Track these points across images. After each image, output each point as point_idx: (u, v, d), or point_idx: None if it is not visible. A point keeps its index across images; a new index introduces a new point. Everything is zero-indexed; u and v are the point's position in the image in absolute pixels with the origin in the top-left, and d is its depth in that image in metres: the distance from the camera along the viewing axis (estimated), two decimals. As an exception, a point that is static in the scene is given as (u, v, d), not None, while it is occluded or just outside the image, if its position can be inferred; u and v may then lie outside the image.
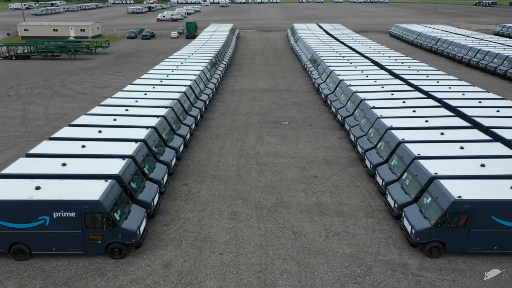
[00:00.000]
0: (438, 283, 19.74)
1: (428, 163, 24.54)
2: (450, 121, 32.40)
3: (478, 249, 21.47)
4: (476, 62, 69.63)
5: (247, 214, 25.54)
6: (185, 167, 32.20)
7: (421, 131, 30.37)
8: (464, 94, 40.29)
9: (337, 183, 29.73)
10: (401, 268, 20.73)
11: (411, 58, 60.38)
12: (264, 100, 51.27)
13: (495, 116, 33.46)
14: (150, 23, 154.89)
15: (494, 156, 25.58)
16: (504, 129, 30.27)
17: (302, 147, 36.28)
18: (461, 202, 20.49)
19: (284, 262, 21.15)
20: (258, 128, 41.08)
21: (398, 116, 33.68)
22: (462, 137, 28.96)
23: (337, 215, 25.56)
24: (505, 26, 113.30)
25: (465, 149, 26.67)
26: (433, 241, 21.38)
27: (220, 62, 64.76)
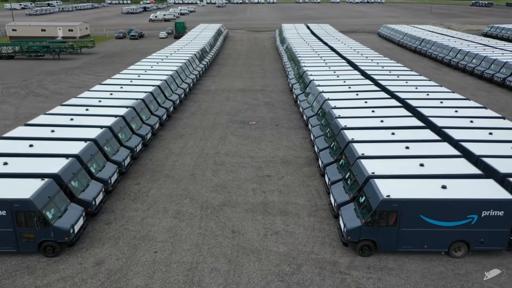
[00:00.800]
0: (363, 281, 19.95)
1: (368, 163, 24.78)
2: (405, 121, 32.63)
3: (408, 248, 21.70)
4: (456, 63, 69.90)
5: (191, 213, 25.77)
6: (142, 167, 32.42)
7: (373, 131, 30.62)
8: (428, 94, 40.51)
9: (289, 183, 29.95)
10: (330, 267, 20.96)
11: (388, 59, 60.54)
12: (237, 100, 51.52)
13: (452, 116, 33.70)
14: (142, 23, 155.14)
15: (436, 156, 25.80)
16: (456, 129, 30.50)
17: (263, 147, 36.50)
18: (389, 201, 20.73)
19: (216, 261, 21.38)
20: (224, 128, 41.30)
21: (356, 116, 33.90)
22: (411, 137, 29.19)
23: (281, 214, 25.77)
24: (493, 27, 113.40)
25: (410, 149, 26.91)
26: (364, 239, 21.61)
27: (200, 63, 64.88)
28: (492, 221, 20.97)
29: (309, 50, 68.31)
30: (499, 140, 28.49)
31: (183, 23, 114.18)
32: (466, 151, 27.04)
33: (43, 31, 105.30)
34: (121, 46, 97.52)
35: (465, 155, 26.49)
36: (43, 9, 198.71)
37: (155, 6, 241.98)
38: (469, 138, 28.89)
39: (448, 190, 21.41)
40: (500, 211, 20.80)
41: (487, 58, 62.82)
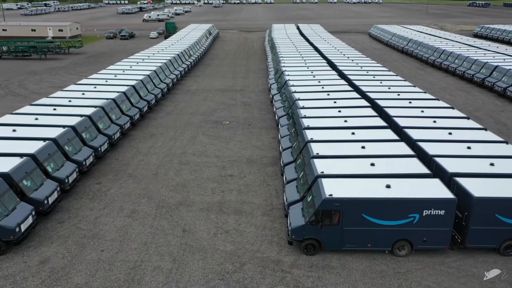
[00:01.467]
0: (303, 280, 20.13)
1: (320, 162, 24.96)
2: (368, 121, 32.82)
3: (352, 246, 21.88)
4: (440, 63, 70.05)
5: (146, 212, 25.96)
6: (106, 166, 32.62)
7: (334, 130, 30.79)
8: (399, 94, 40.72)
9: (250, 182, 30.14)
10: (273, 265, 21.14)
11: (369, 59, 60.60)
12: (215, 100, 51.73)
13: (416, 116, 33.90)
14: (136, 23, 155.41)
15: (389, 156, 25.98)
16: (416, 129, 30.65)
17: (232, 147, 36.70)
18: (331, 200, 20.91)
19: (161, 259, 21.57)
20: (196, 128, 41.51)
21: (321, 116, 34.04)
22: (371, 137, 29.34)
23: (235, 214, 25.99)
24: (483, 27, 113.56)
25: (365, 149, 27.09)
26: (308, 238, 21.76)
27: (183, 63, 65.10)
28: (434, 220, 21.14)
29: (293, 50, 68.51)
30: (456, 140, 28.65)
31: (173, 23, 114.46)
32: (421, 151, 27.15)
33: (33, 31, 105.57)
34: (110, 46, 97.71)
35: (420, 155, 26.62)
36: (39, 9, 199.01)
37: (151, 6, 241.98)
38: (427, 138, 28.99)
39: (392, 190, 21.58)
40: (441, 210, 20.96)
41: (469, 59, 63.01)
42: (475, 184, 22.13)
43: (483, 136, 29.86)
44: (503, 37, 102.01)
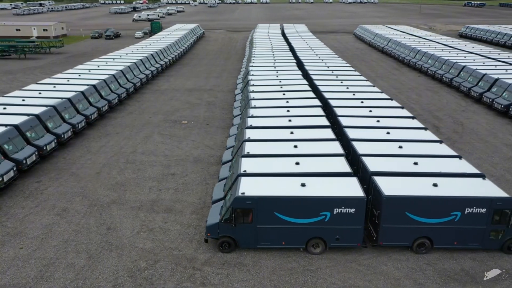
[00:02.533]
0: (211, 277, 20.42)
1: (247, 161, 25.26)
2: (313, 120, 33.13)
3: (267, 244, 22.14)
4: (414, 63, 70.20)
5: (77, 211, 26.24)
6: (51, 165, 32.93)
7: (275, 130, 31.01)
8: (354, 94, 41.01)
9: (190, 181, 30.42)
10: (186, 263, 21.41)
11: (340, 60, 60.65)
12: (181, 100, 52.03)
13: (362, 116, 34.09)
14: (127, 23, 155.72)
15: (317, 155, 26.23)
16: (356, 129, 30.89)
17: (183, 146, 36.99)
18: (243, 198, 21.17)
19: (76, 256, 21.85)
20: (154, 127, 41.80)
21: (267, 115, 34.27)
22: (307, 136, 29.58)
23: (164, 212, 26.27)
24: (468, 27, 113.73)
25: (297, 148, 27.36)
26: (223, 236, 22.01)
27: (157, 62, 65.41)
28: (345, 218, 21.38)
29: (268, 50, 68.80)
30: (391, 140, 28.85)
31: (158, 23, 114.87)
32: (353, 150, 27.39)
33: (18, 31, 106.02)
34: (93, 46, 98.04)
35: (353, 154, 26.88)
36: (31, 9, 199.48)
37: (145, 6, 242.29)
38: (363, 137, 29.21)
39: (306, 188, 21.82)
40: (352, 209, 21.20)
41: (440, 59, 63.25)
42: (389, 182, 22.37)
43: (421, 135, 30.07)
44: (486, 37, 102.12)
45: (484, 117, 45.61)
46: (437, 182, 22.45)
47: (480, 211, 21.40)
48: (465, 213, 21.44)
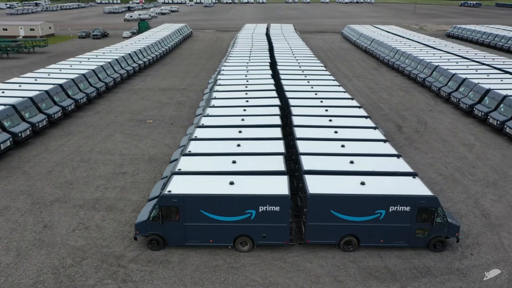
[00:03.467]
0: (133, 274, 20.65)
1: (186, 160, 25.57)
2: (264, 119, 33.38)
3: (195, 242, 22.37)
4: (393, 63, 70.34)
5: (18, 208, 26.48)
6: (5, 163, 33.23)
7: (225, 129, 31.27)
8: (316, 94, 41.51)
9: (139, 180, 30.66)
10: (113, 260, 21.63)
11: (315, 60, 60.61)
12: (152, 99, 52.25)
13: (315, 115, 34.50)
14: (119, 22, 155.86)
15: (256, 154, 26.51)
16: (305, 128, 31.29)
17: (142, 145, 37.23)
18: (169, 196, 21.39)
19: (5, 254, 22.13)
20: (118, 126, 42.02)
21: (222, 114, 34.57)
22: (257, 135, 29.97)
23: (105, 210, 26.51)
24: (456, 27, 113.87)
25: (240, 147, 27.70)
26: (152, 234, 22.22)
27: (134, 62, 65.71)
28: (270, 216, 21.58)
29: (246, 49, 69.12)
30: (336, 139, 28.99)
31: (146, 23, 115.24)
32: (295, 149, 27.62)
33: (5, 30, 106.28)
34: (79, 45, 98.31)
35: (295, 153, 27.17)
36: (25, 8, 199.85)
37: (140, 5, 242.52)
38: (309, 136, 29.40)
39: (234, 186, 22.02)
40: (276, 207, 21.40)
41: (416, 59, 63.28)
42: (318, 181, 22.57)
43: (369, 135, 30.21)
44: (472, 37, 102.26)
45: (450, 116, 45.77)
46: (365, 181, 22.52)
47: (404, 209, 21.57)
48: (390, 211, 21.61)
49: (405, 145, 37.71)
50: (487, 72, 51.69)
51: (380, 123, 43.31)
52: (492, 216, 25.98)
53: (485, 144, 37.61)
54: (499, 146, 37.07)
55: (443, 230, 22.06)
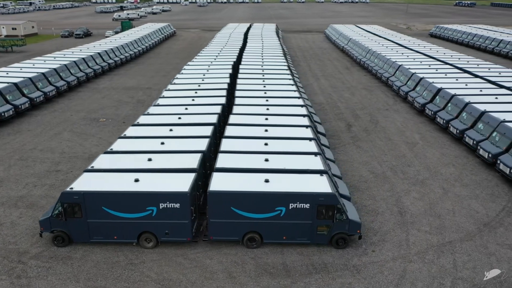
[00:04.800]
0: (30, 270, 20.97)
1: (104, 158, 26.04)
2: (200, 118, 33.64)
3: (100, 239, 22.61)
4: (364, 62, 70.52)
5: None
6: None
7: (156, 127, 31.51)
8: (266, 93, 41.45)
9: (71, 177, 31.02)
10: (15, 256, 22.05)
11: (281, 60, 60.71)
12: (113, 98, 52.53)
13: (253, 114, 34.58)
14: (107, 22, 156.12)
15: (176, 152, 26.78)
16: (239, 126, 31.43)
17: (87, 144, 37.54)
18: (70, 193, 21.64)
19: None
20: (69, 125, 42.36)
21: (162, 113, 34.81)
22: (183, 133, 30.20)
23: (26, 207, 27.02)
24: (438, 27, 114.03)
25: (164, 145, 27.94)
26: (56, 230, 22.46)
27: (104, 61, 66.10)
28: (171, 213, 21.84)
29: (218, 49, 69.68)
30: (263, 137, 29.43)
31: (129, 22, 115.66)
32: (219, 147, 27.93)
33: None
34: (59, 45, 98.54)
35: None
36: (17, 8, 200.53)
37: (134, 5, 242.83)
38: (237, 134, 29.93)
39: (138, 184, 22.30)
40: (176, 203, 21.64)
41: (383, 58, 63.45)
42: (224, 178, 22.81)
43: (299, 133, 30.42)
44: (452, 37, 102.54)
45: (403, 116, 45.97)
46: (269, 178, 22.72)
47: (304, 206, 21.80)
48: (290, 208, 21.83)
49: (348, 143, 37.85)
50: (446, 72, 51.81)
51: (331, 121, 43.55)
52: (408, 214, 26.13)
53: (428, 143, 37.74)
54: (441, 145, 37.24)
55: (344, 227, 22.25)
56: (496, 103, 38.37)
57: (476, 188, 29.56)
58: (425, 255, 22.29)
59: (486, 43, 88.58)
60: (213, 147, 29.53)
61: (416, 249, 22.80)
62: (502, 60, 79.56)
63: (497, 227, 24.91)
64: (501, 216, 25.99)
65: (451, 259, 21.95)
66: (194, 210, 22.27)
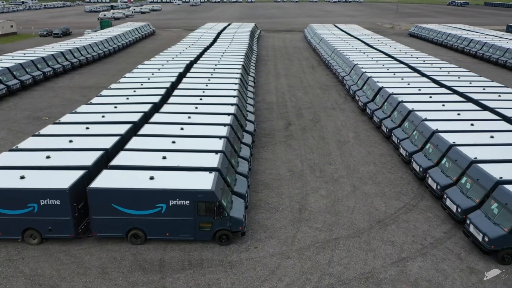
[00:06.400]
0: None
1: (4, 156, 26.02)
2: (132, 117, 33.77)
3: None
4: (328, 61, 70.72)
5: None
6: None
7: (76, 125, 31.76)
8: (204, 91, 41.73)
9: None
10: None
11: (240, 59, 60.84)
12: (65, 97, 52.89)
13: (180, 112, 35.04)
14: (93, 21, 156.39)
15: (77, 149, 26.97)
16: (161, 125, 31.99)
17: (18, 142, 37.55)
18: None
19: None
20: (9, 123, 42.74)
21: (98, 111, 35.25)
22: (96, 132, 30.47)
23: None
24: (417, 27, 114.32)
25: (73, 143, 28.21)
26: None
27: (67, 60, 66.99)
28: (52, 210, 22.10)
29: (182, 48, 70.32)
30: (176, 135, 29.69)
31: (108, 21, 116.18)
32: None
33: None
34: (34, 44, 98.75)
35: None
36: (6, 7, 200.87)
37: (125, 5, 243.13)
38: (152, 133, 30.30)
39: (23, 180, 22.56)
40: (57, 200, 21.94)
41: (343, 57, 63.61)
42: (112, 175, 23.25)
43: (213, 131, 30.72)
44: (428, 36, 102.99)
45: (347, 114, 46.20)
46: (155, 175, 23.00)
47: (184, 203, 22.07)
48: (170, 205, 22.10)
49: (280, 142, 38.12)
50: (396, 71, 51.89)
51: (272, 120, 43.88)
52: (307, 211, 26.38)
53: (359, 142, 37.98)
54: (371, 144, 37.48)
55: (226, 224, 22.49)
56: (428, 102, 38.46)
57: (386, 186, 29.76)
58: (305, 251, 22.49)
59: (458, 43, 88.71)
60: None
61: (299, 245, 23.00)
62: (471, 59, 79.83)
63: (390, 224, 25.04)
64: (399, 213, 26.14)
65: (329, 255, 22.14)
66: (77, 207, 22.39)
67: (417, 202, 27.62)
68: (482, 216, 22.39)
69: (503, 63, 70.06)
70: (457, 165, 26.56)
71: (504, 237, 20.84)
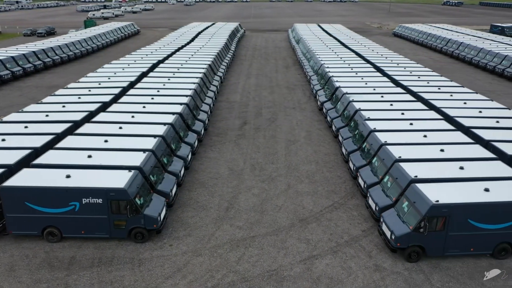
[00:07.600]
0: None
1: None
2: (72, 115, 34.10)
3: None
4: (301, 61, 70.84)
5: None
6: None
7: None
8: (159, 91, 42.19)
9: None
10: None
11: (209, 59, 60.95)
12: (29, 96, 53.38)
13: (132, 111, 35.09)
14: (81, 21, 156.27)
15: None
16: (106, 124, 31.97)
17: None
18: None
19: None
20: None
21: (37, 111, 35.43)
22: (48, 131, 30.76)
23: None
24: (401, 27, 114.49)
25: (5, 142, 28.15)
26: None
27: (39, 60, 67.31)
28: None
29: (156, 47, 71.01)
30: (111, 134, 29.84)
31: (92, 21, 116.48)
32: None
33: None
34: (16, 43, 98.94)
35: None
36: (1, 6, 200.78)
37: (119, 4, 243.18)
38: (90, 132, 30.62)
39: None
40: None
41: (314, 57, 63.67)
42: (27, 174, 23.61)
43: (152, 131, 30.93)
44: (411, 36, 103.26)
45: (305, 114, 46.35)
46: (72, 174, 23.24)
47: (97, 201, 22.27)
48: (83, 203, 22.29)
49: (230, 141, 38.30)
50: (359, 71, 51.94)
51: (229, 120, 44.09)
52: (233, 210, 26.59)
53: (309, 141, 38.16)
54: (320, 143, 37.66)
55: (140, 222, 22.66)
56: (377, 101, 38.55)
57: (321, 184, 29.92)
58: (218, 249, 22.67)
59: (437, 43, 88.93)
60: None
61: (214, 243, 23.18)
62: (447, 59, 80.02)
63: (311, 222, 25.23)
64: (324, 212, 26.32)
65: (241, 253, 22.31)
66: None
67: (346, 200, 27.75)
68: (394, 214, 22.53)
69: (476, 62, 70.12)
70: (384, 164, 26.73)
71: (409, 235, 20.96)
